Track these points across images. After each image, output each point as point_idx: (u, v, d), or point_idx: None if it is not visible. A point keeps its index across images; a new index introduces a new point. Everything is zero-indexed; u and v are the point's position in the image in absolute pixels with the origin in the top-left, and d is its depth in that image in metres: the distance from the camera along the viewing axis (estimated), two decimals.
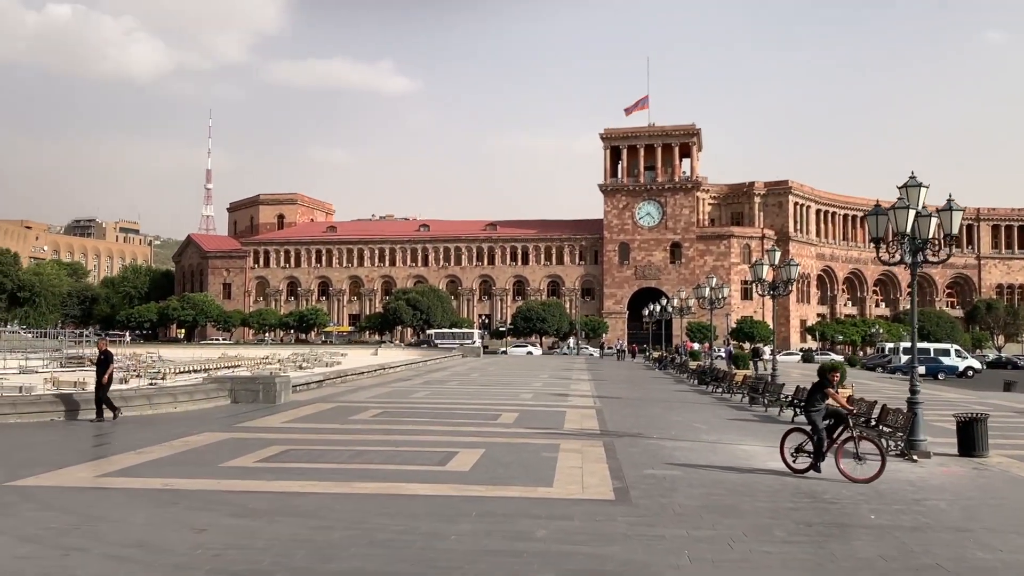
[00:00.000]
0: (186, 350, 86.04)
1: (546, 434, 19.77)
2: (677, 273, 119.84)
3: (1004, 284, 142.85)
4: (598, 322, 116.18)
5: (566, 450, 16.92)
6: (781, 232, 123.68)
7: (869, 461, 13.77)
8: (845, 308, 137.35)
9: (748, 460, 16.21)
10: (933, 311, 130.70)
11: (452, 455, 15.84)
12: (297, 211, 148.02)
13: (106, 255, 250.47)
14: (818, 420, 14.46)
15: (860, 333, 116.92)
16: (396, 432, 19.82)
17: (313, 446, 17.26)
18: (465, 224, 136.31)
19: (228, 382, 27.46)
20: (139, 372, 42.16)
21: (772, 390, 27.69)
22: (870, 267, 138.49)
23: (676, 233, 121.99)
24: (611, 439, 19.00)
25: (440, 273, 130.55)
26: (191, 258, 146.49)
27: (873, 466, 13.57)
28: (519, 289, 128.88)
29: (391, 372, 47.63)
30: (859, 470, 13.66)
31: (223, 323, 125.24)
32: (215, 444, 17.36)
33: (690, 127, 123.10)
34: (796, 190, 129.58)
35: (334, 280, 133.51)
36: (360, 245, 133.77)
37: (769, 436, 20.37)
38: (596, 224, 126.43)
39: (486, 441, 18.05)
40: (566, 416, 24.38)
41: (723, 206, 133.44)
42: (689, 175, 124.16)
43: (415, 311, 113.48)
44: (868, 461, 13.75)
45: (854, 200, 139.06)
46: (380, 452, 16.27)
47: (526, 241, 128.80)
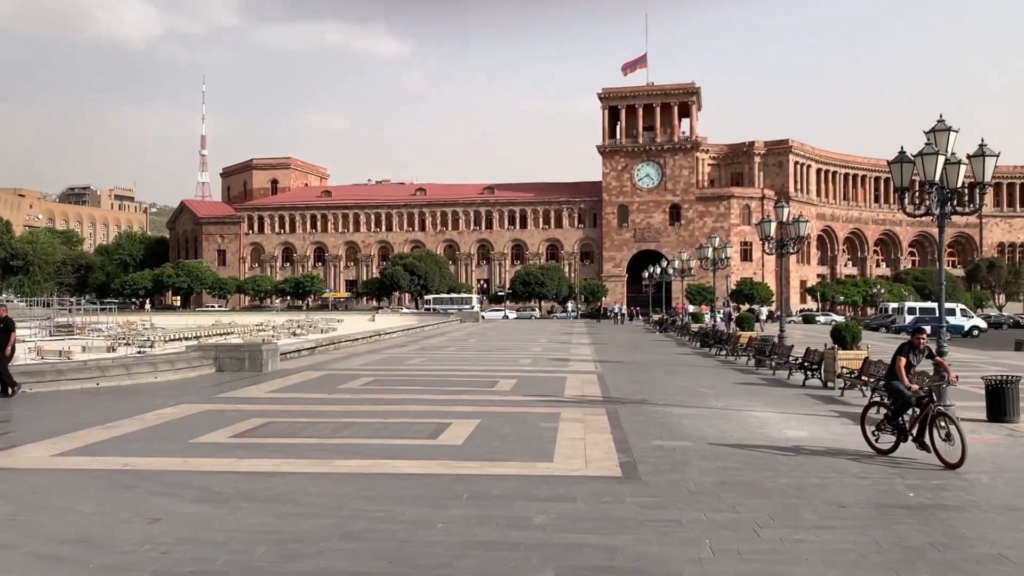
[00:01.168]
0: (180, 317, 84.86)
1: (546, 402, 18.64)
2: (677, 235, 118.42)
3: (1006, 243, 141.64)
4: (597, 286, 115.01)
5: (567, 419, 15.77)
6: (781, 192, 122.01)
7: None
8: (846, 268, 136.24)
9: (762, 428, 15.06)
10: (934, 270, 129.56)
11: (444, 427, 14.69)
12: (291, 176, 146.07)
13: (101, 223, 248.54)
14: (904, 390, 12.29)
15: (861, 293, 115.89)
16: (386, 402, 18.66)
17: (295, 418, 16.10)
18: (462, 188, 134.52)
19: (213, 350, 26.28)
20: (128, 340, 41.09)
21: (780, 352, 26.54)
22: (871, 227, 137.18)
23: (675, 195, 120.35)
24: (614, 406, 17.86)
25: (438, 238, 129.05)
26: (185, 224, 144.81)
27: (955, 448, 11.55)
28: (518, 253, 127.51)
29: (386, 338, 46.50)
30: (951, 452, 11.59)
31: (218, 290, 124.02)
32: (190, 417, 16.20)
33: (689, 86, 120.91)
34: (796, 149, 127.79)
35: (330, 246, 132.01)
36: (356, 210, 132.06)
37: (781, 401, 19.25)
38: (595, 186, 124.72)
39: (482, 411, 16.91)
40: (566, 382, 23.25)
41: (723, 166, 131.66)
42: (688, 135, 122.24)
43: (412, 276, 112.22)
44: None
45: (854, 159, 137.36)
46: (367, 425, 15.11)
47: (524, 204, 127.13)
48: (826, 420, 16.24)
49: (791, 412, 17.29)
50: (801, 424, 15.59)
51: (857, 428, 14.98)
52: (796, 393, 21.06)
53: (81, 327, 55.26)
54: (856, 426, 15.26)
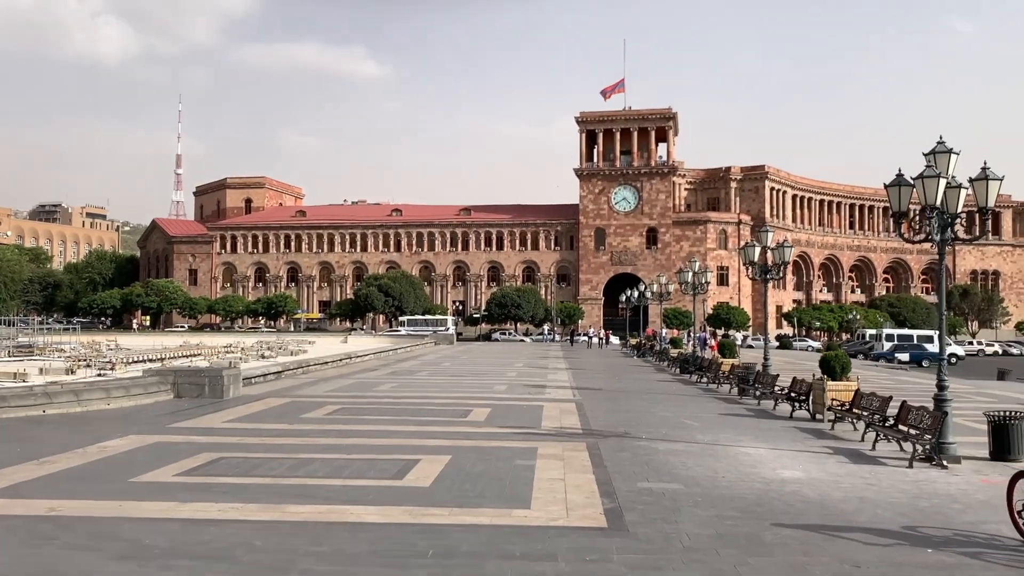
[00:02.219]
0: (148, 338, 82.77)
1: (522, 435, 17.51)
2: (653, 259, 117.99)
3: (978, 270, 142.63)
4: (574, 308, 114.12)
5: (545, 456, 14.66)
6: (757, 217, 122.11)
7: None
8: (821, 294, 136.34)
9: (755, 467, 14.03)
10: (909, 296, 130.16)
11: (412, 464, 13.53)
12: (265, 195, 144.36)
13: (72, 240, 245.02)
14: None
15: (837, 319, 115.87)
16: (351, 434, 17.46)
17: (251, 453, 14.85)
18: (439, 209, 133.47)
19: (171, 375, 24.89)
20: (89, 362, 39.52)
21: (765, 381, 25.61)
22: (846, 253, 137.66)
23: (652, 218, 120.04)
24: (595, 440, 16.78)
25: (413, 259, 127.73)
26: (156, 243, 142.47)
27: None
28: (494, 275, 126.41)
29: (357, 361, 45.15)
30: None
31: (188, 310, 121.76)
32: (136, 451, 14.92)
33: (666, 111, 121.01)
34: (772, 175, 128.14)
35: (303, 266, 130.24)
36: (331, 230, 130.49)
37: (770, 435, 18.25)
38: (572, 209, 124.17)
39: (453, 445, 15.75)
40: (543, 412, 22.13)
41: (699, 191, 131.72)
42: (665, 159, 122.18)
43: (387, 297, 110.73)
44: None
45: (830, 185, 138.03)
46: (327, 461, 13.90)
47: (501, 226, 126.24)
48: (820, 458, 15.24)
49: (783, 448, 16.29)
50: (795, 462, 14.57)
51: (857, 468, 14.03)
52: (784, 426, 20.09)
53: (43, 347, 53.43)
54: (855, 465, 14.30)
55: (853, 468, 14.05)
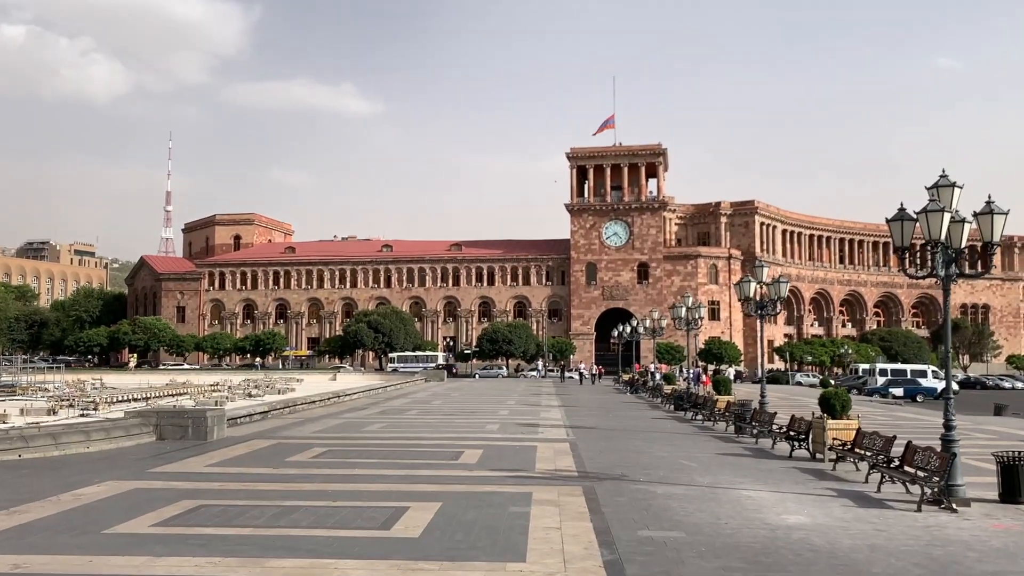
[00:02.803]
0: (134, 376, 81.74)
1: (515, 478, 16.93)
2: (645, 293, 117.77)
3: (968, 304, 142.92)
4: (565, 343, 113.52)
5: (540, 502, 14.09)
6: (748, 252, 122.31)
7: None
8: (812, 328, 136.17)
9: (759, 512, 13.49)
10: (900, 331, 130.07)
11: (401, 512, 12.94)
12: (255, 232, 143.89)
13: (60, 278, 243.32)
14: None
15: (828, 353, 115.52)
16: (338, 479, 16.83)
17: (232, 500, 14.22)
18: (430, 244, 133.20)
19: (153, 416, 24.22)
20: (72, 402, 38.73)
21: (762, 420, 25.09)
22: (836, 287, 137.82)
23: (643, 253, 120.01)
24: (591, 483, 16.22)
25: (404, 295, 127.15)
26: (144, 280, 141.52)
27: None
28: (485, 311, 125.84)
29: (346, 400, 44.43)
30: None
31: (176, 348, 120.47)
32: (113, 498, 14.28)
33: (656, 147, 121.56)
34: (762, 210, 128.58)
35: (292, 303, 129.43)
36: (320, 266, 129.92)
37: (771, 477, 17.71)
38: (563, 244, 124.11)
39: (444, 491, 15.16)
40: (537, 452, 21.55)
41: (690, 226, 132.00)
42: (656, 195, 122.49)
43: (377, 334, 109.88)
44: None
45: (819, 220, 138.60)
46: (312, 509, 13.29)
47: (492, 262, 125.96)
48: (825, 501, 14.71)
49: (785, 491, 15.74)
50: (800, 507, 14.04)
51: (865, 512, 13.52)
52: (784, 466, 19.56)
53: (26, 387, 52.49)
54: (862, 509, 13.79)
55: (860, 512, 13.52)
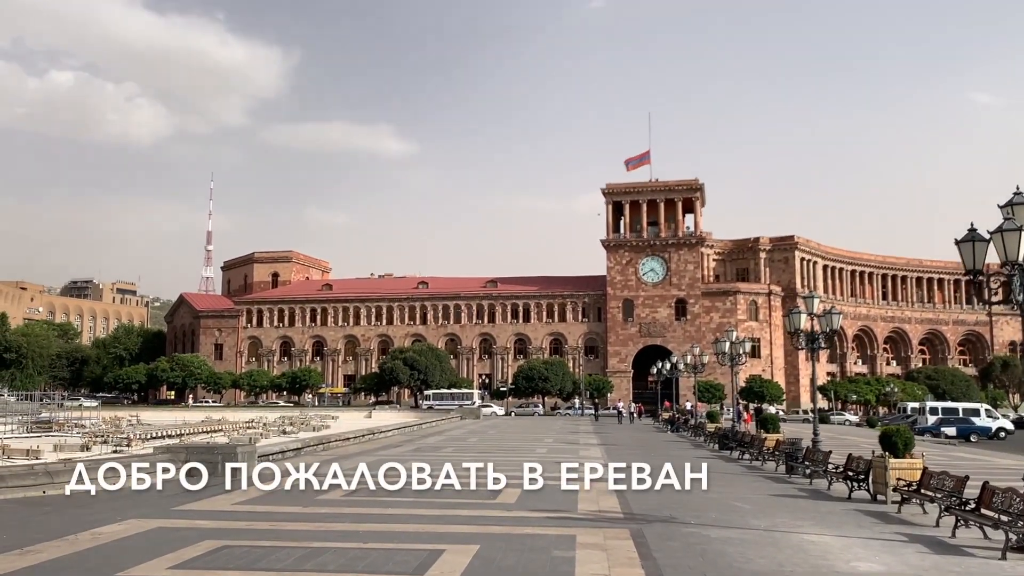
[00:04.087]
0: (171, 413, 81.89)
1: (557, 519, 15.93)
2: (683, 330, 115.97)
3: (1017, 341, 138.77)
4: (603, 381, 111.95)
5: (585, 545, 13.08)
6: (788, 288, 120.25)
7: None
8: (855, 366, 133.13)
9: (824, 559, 12.35)
10: (947, 369, 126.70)
11: (436, 556, 12.02)
12: (292, 269, 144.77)
13: (102, 316, 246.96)
14: None
15: (874, 392, 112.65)
16: (369, 518, 15.97)
17: (258, 540, 13.40)
18: (465, 281, 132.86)
19: (183, 452, 23.58)
20: (106, 438, 38.45)
21: (816, 459, 23.76)
22: (879, 324, 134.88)
23: (681, 289, 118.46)
24: (639, 525, 15.17)
25: (439, 331, 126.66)
26: (183, 318, 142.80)
27: None
28: (520, 347, 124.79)
29: (381, 437, 43.62)
30: None
31: (213, 385, 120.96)
32: (132, 538, 13.54)
33: (693, 182, 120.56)
34: (802, 245, 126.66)
35: (329, 340, 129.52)
36: (356, 303, 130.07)
37: (831, 520, 16.49)
38: (599, 281, 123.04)
39: (481, 532, 14.22)
40: (579, 493, 20.45)
41: (728, 262, 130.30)
42: (693, 230, 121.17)
43: (412, 371, 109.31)
44: None
45: (861, 256, 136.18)
46: (341, 551, 12.41)
47: (527, 298, 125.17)
48: (896, 547, 13.50)
49: (850, 535, 14.54)
50: (870, 553, 12.86)
51: (943, 560, 12.31)
52: (845, 508, 18.29)
53: (62, 423, 52.55)
54: (939, 556, 12.57)
55: (938, 560, 12.32)
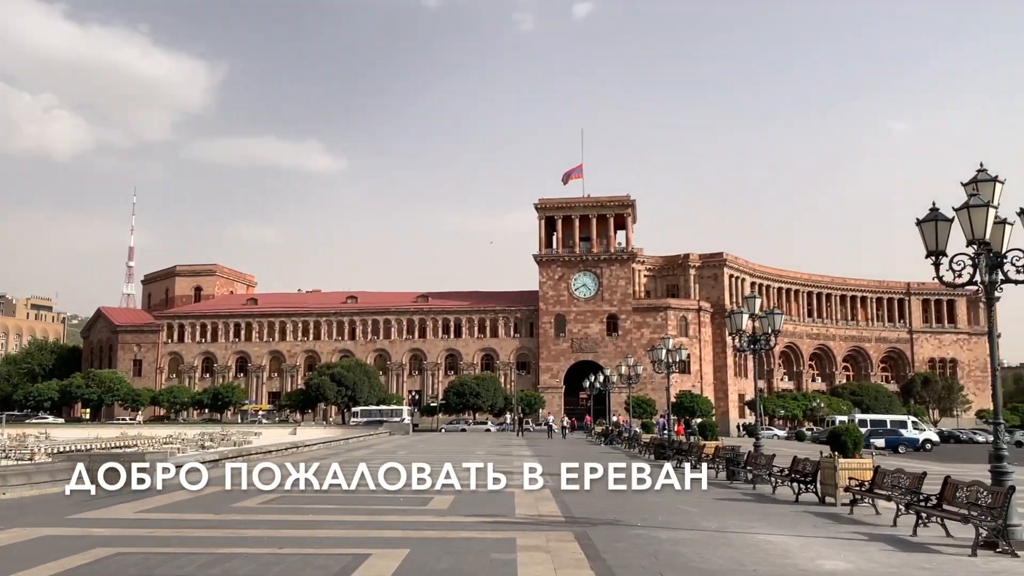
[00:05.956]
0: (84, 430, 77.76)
1: (494, 523, 14.73)
2: (614, 346, 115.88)
3: (936, 358, 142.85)
4: (534, 396, 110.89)
5: (526, 548, 11.91)
6: (717, 304, 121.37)
7: None
8: (782, 382, 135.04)
9: (787, 558, 11.40)
10: (871, 385, 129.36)
11: (360, 560, 10.69)
12: (216, 283, 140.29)
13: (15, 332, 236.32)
14: None
15: (800, 407, 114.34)
16: (289, 524, 14.51)
17: (159, 547, 11.85)
18: (395, 296, 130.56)
19: (85, 459, 21.59)
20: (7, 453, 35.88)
21: (759, 463, 23.07)
22: (805, 341, 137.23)
23: (612, 305, 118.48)
24: (583, 528, 14.08)
25: (368, 347, 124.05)
26: (100, 333, 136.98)
27: None
28: (452, 363, 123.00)
29: (306, 451, 41.74)
30: None
31: (131, 402, 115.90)
32: (11, 548, 11.84)
33: (624, 198, 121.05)
34: (731, 263, 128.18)
35: (253, 355, 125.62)
36: (282, 318, 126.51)
37: (785, 521, 15.64)
38: (531, 296, 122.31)
39: (411, 536, 12.95)
40: (515, 498, 19.34)
41: (658, 278, 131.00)
42: (624, 246, 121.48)
43: (340, 387, 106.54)
44: None
45: (787, 273, 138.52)
46: (252, 557, 10.98)
47: (459, 313, 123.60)
48: (858, 545, 12.66)
49: (807, 535, 13.67)
50: (832, 551, 11.97)
51: (911, 557, 11.49)
52: (794, 511, 17.51)
53: None
54: (907, 554, 11.75)
55: (906, 558, 11.49)
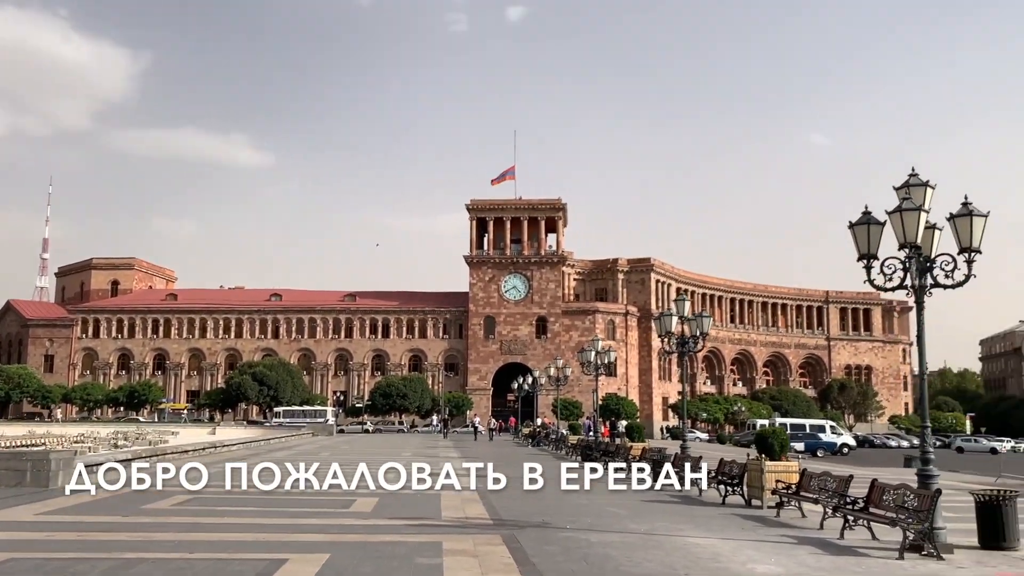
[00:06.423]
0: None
1: (419, 526, 14.26)
2: (543, 348, 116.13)
3: (852, 365, 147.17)
4: (462, 398, 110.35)
5: (453, 552, 11.46)
6: (644, 309, 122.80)
7: None
8: (704, 387, 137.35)
9: (717, 561, 11.23)
10: (790, 390, 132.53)
11: (277, 566, 10.10)
12: (134, 277, 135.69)
13: None
14: None
15: (722, 411, 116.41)
16: (202, 528, 13.78)
17: (59, 552, 11.03)
18: (321, 294, 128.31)
19: None
20: None
21: (688, 464, 23.01)
22: (728, 346, 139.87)
23: (542, 307, 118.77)
24: (511, 531, 13.71)
25: (292, 346, 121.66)
26: (9, 326, 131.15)
27: None
28: (379, 364, 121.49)
29: (224, 451, 40.42)
30: None
31: (42, 399, 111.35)
32: None
33: (556, 201, 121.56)
34: (658, 268, 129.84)
35: (172, 352, 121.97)
36: (203, 314, 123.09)
37: (712, 524, 15.55)
38: (461, 297, 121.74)
39: (333, 540, 12.37)
40: (442, 500, 18.87)
41: (588, 281, 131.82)
42: (555, 249, 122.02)
43: (262, 387, 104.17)
44: None
45: (711, 280, 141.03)
46: (161, 563, 10.28)
47: (387, 313, 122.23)
48: (786, 548, 12.58)
49: (736, 538, 13.57)
50: (762, 555, 11.85)
51: (841, 561, 11.43)
52: (721, 513, 17.48)
53: None
54: (836, 557, 11.69)
55: (836, 561, 11.43)
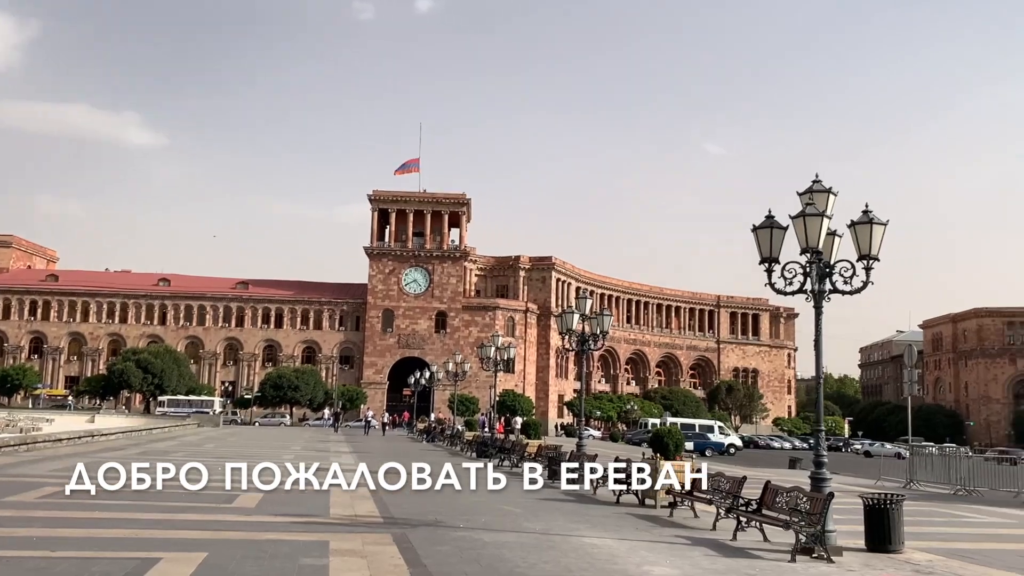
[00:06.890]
0: None
1: (306, 524, 13.63)
2: (442, 343, 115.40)
3: (740, 368, 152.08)
4: (357, 391, 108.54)
5: (340, 552, 10.93)
6: (544, 307, 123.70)
7: None
8: (599, 385, 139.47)
9: (613, 563, 11.04)
10: (680, 390, 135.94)
11: (149, 565, 9.36)
12: (11, 256, 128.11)
13: None
14: None
15: (616, 409, 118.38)
16: (68, 523, 12.78)
17: None
18: (212, 281, 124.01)
19: None
20: None
21: (583, 463, 22.96)
22: (623, 345, 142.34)
23: (443, 302, 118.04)
24: (402, 530, 13.25)
25: (180, 333, 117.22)
26: None
27: None
28: (270, 355, 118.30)
29: (101, 440, 38.38)
30: None
31: None
32: None
33: (460, 196, 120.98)
34: (559, 267, 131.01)
35: (50, 336, 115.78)
36: (85, 297, 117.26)
37: (607, 524, 15.43)
38: (359, 289, 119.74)
39: (212, 537, 11.64)
40: (331, 497, 18.15)
41: (489, 278, 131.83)
42: (458, 244, 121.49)
43: (146, 374, 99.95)
44: None
45: (609, 280, 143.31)
46: (19, 562, 9.39)
47: (281, 303, 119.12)
48: (681, 549, 12.53)
49: (631, 539, 13.46)
50: (657, 556, 11.74)
51: (735, 563, 11.41)
52: (616, 512, 17.42)
53: None
54: (730, 559, 11.68)
55: (729, 563, 11.41)
